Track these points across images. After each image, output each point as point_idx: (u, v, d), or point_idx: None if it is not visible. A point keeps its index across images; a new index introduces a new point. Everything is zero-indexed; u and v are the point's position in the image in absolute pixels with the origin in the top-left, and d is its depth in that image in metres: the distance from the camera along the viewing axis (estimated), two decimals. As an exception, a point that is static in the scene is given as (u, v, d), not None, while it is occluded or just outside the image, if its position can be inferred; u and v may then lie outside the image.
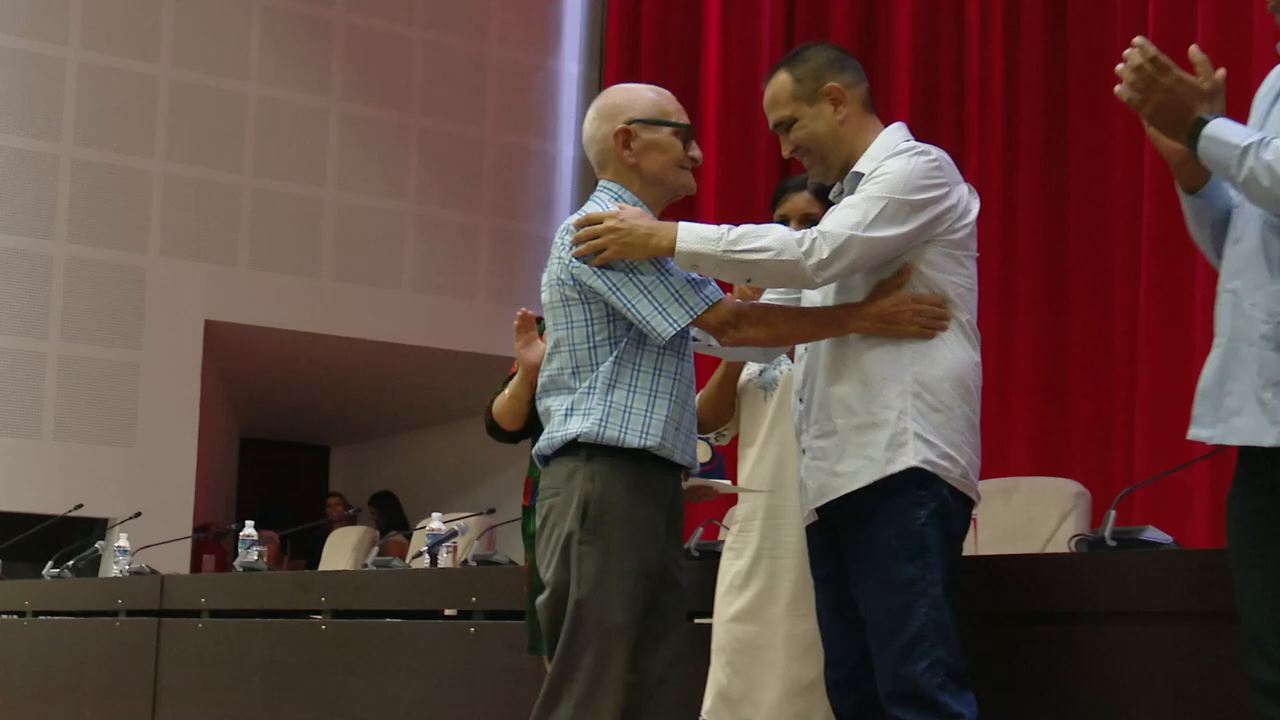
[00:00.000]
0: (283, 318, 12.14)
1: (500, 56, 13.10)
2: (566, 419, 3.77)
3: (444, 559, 6.78)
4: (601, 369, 3.75)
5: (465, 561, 6.66)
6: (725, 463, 4.56)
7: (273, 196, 12.18)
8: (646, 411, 3.73)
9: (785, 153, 4.00)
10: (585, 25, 13.39)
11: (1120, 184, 8.73)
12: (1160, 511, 7.31)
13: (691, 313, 3.71)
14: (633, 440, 3.71)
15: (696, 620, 4.55)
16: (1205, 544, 6.71)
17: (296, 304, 12.16)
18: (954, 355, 3.73)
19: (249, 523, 8.12)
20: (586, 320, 3.80)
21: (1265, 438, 3.16)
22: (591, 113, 3.97)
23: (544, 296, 3.95)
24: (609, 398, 3.73)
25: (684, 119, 3.93)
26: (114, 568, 8.56)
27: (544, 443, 3.85)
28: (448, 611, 6.27)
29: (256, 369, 12.86)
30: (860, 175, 3.83)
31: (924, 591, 3.60)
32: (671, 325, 3.69)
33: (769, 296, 4.03)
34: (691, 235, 3.67)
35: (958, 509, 3.71)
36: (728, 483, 4.07)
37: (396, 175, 12.64)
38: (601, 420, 3.71)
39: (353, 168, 12.48)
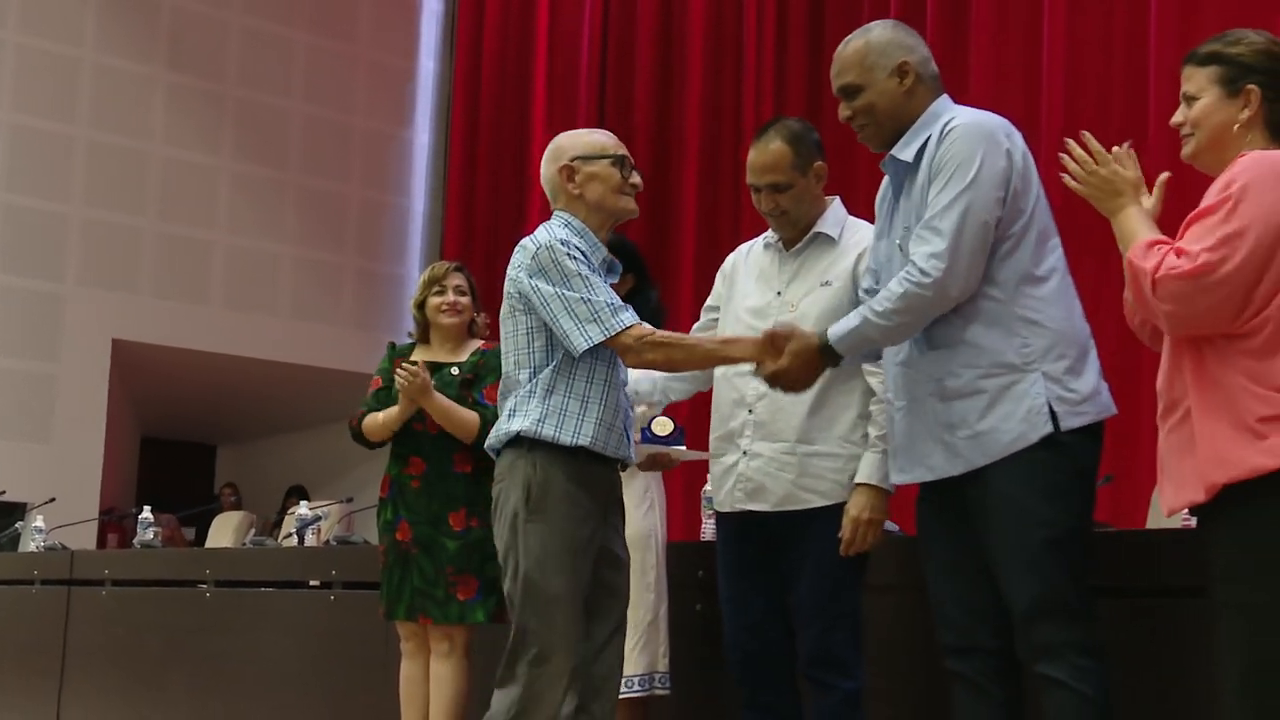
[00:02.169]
0: (179, 338, 11.97)
1: (364, 126, 13.04)
2: (510, 418, 3.68)
3: (310, 539, 6.75)
4: (541, 375, 3.65)
5: (327, 541, 6.64)
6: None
7: (172, 238, 12.02)
8: (579, 414, 3.63)
9: (765, 208, 3.85)
10: (435, 101, 13.37)
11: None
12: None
13: (607, 332, 3.58)
14: (566, 439, 3.61)
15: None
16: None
17: (190, 327, 12.00)
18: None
19: (146, 508, 8.03)
20: (528, 329, 3.69)
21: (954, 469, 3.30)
22: (544, 157, 3.86)
23: (502, 308, 3.79)
24: (547, 401, 3.63)
25: (621, 151, 3.81)
26: (31, 544, 8.40)
27: (492, 438, 3.76)
28: (312, 582, 6.24)
29: (156, 380, 12.66)
30: (823, 235, 3.84)
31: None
32: (587, 341, 3.58)
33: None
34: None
35: None
36: (683, 448, 3.93)
37: (276, 222, 12.53)
38: (539, 420, 3.61)
39: (239, 215, 12.34)
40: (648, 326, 3.64)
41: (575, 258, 3.63)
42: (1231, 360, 2.81)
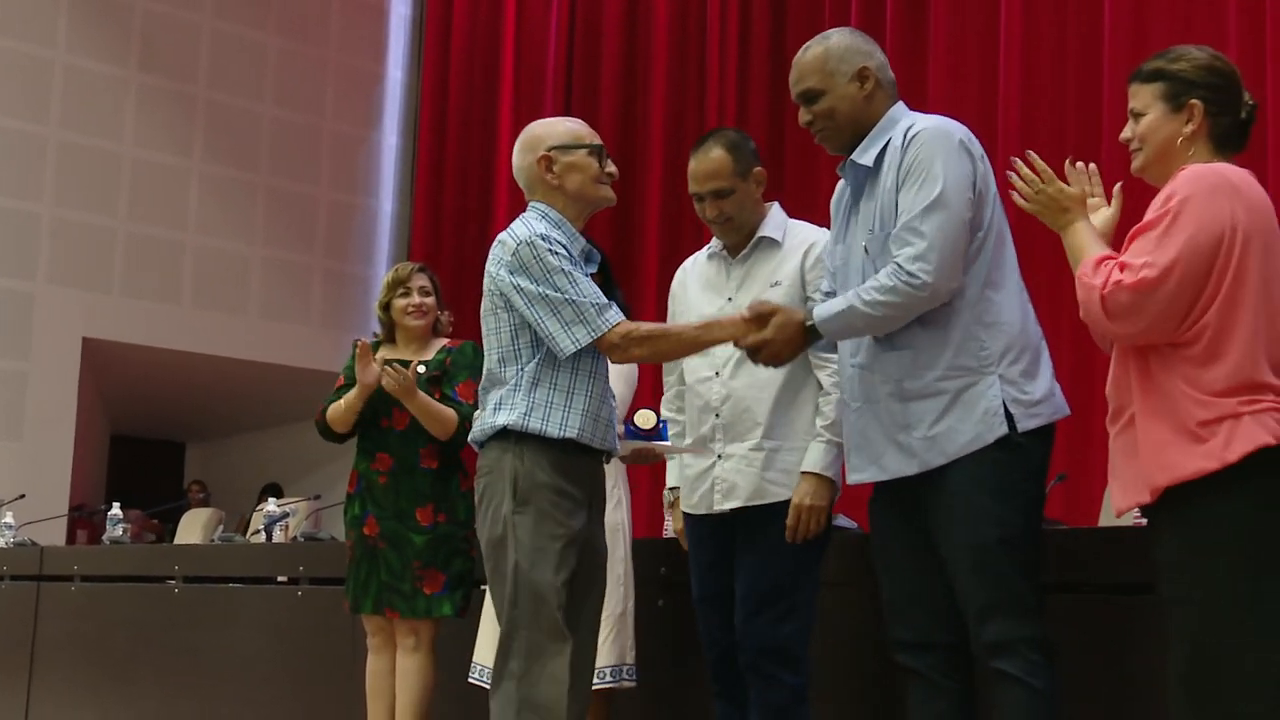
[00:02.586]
0: (149, 337, 11.90)
1: (333, 129, 13.01)
2: (495, 412, 3.59)
3: (278, 535, 6.73)
4: (527, 368, 3.57)
5: (295, 538, 6.62)
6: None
7: (142, 238, 11.95)
8: (565, 407, 3.55)
9: (710, 215, 3.90)
10: (403, 105, 13.35)
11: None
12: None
13: (594, 333, 3.51)
14: (553, 431, 3.53)
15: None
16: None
17: (160, 326, 11.93)
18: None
19: (116, 504, 7.99)
20: (511, 325, 3.60)
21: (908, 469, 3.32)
22: (516, 147, 3.77)
23: (483, 303, 3.70)
24: (532, 395, 3.55)
25: (596, 140, 3.75)
26: (0, 540, 8.33)
27: (477, 430, 3.68)
28: (280, 578, 6.23)
29: (126, 378, 12.61)
30: (767, 239, 3.87)
31: None
32: (575, 344, 3.51)
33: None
34: None
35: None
36: (668, 444, 3.89)
37: (246, 223, 12.47)
38: (525, 414, 3.54)
39: (209, 216, 12.28)
40: (631, 323, 3.58)
41: (557, 253, 3.55)
42: (1173, 367, 2.86)
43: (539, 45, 11.67)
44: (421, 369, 4.90)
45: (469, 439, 3.84)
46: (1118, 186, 3.12)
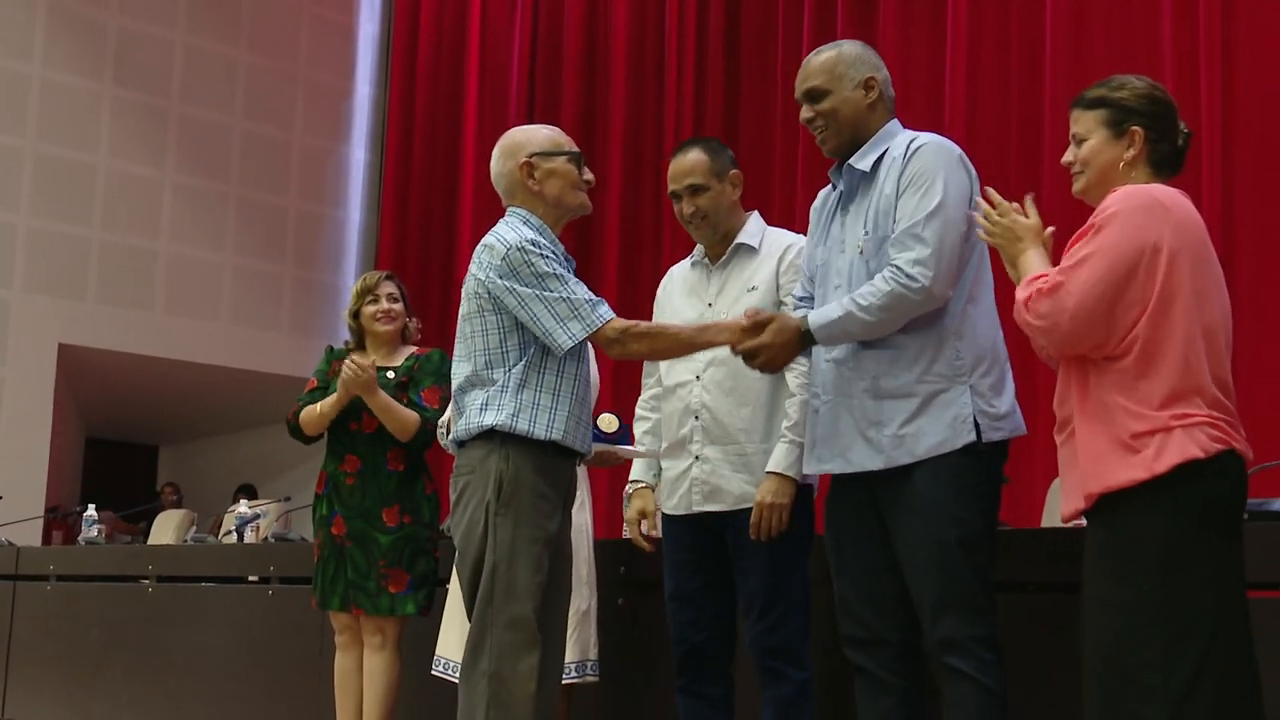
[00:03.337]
0: (123, 343, 11.83)
1: (303, 142, 12.96)
2: (482, 411, 3.52)
3: (249, 536, 6.70)
4: (514, 370, 3.51)
5: (266, 538, 6.59)
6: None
7: (116, 247, 11.87)
8: (551, 409, 3.50)
9: (686, 212, 3.88)
10: (370, 119, 13.31)
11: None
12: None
13: (589, 327, 3.47)
14: (540, 433, 3.48)
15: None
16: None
17: (134, 332, 11.86)
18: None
19: (91, 506, 7.94)
20: (499, 327, 3.54)
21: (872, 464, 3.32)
22: (496, 153, 3.72)
23: (462, 307, 3.65)
24: (519, 396, 3.49)
25: (575, 147, 3.71)
26: (-22, 541, 8.27)
27: (461, 430, 3.59)
28: (251, 578, 6.20)
29: (100, 383, 12.53)
30: (745, 246, 3.88)
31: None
32: (571, 339, 3.47)
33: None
34: None
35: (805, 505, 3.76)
36: (630, 448, 3.84)
37: (217, 233, 12.41)
38: (513, 414, 3.48)
39: (182, 225, 12.22)
40: (628, 320, 3.55)
41: (546, 256, 3.50)
42: (1108, 380, 2.87)
43: (502, 63, 11.68)
44: (390, 374, 4.89)
45: (450, 437, 3.79)
46: (1048, 231, 3.13)
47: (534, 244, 3.52)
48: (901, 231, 3.28)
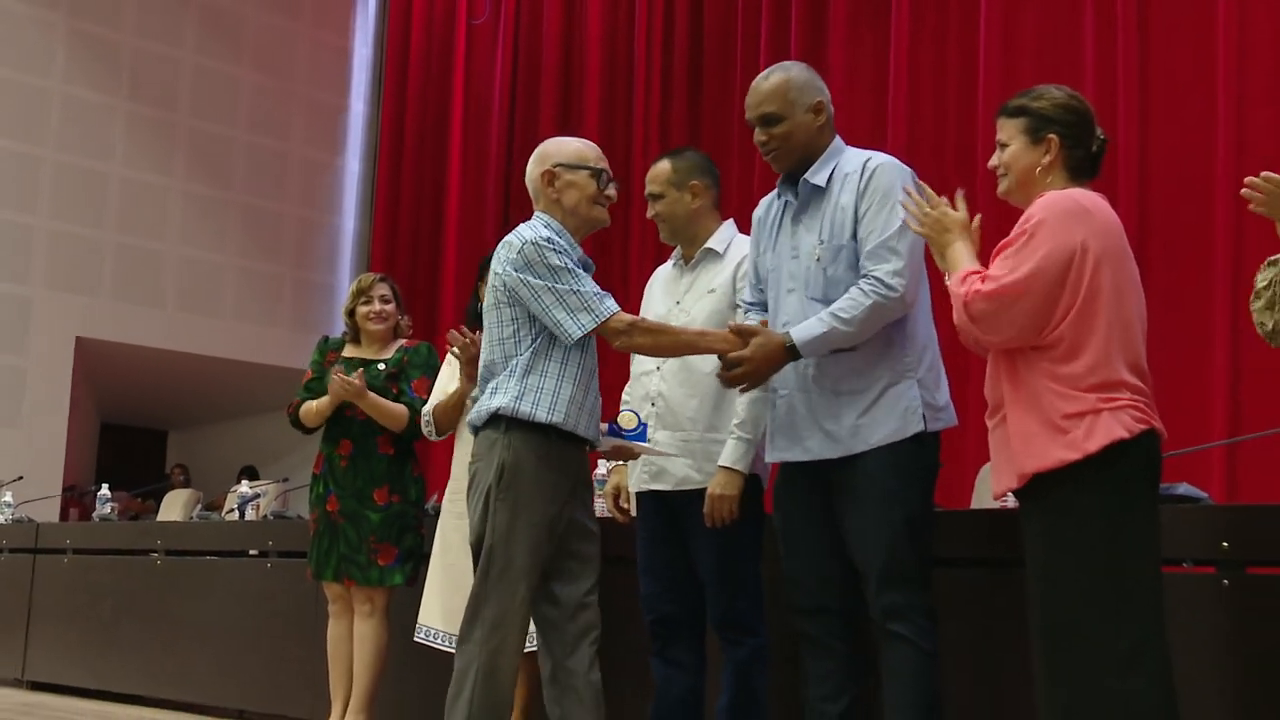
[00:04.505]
0: (135, 336, 11.76)
1: (301, 154, 12.89)
2: (491, 396, 3.45)
3: (250, 514, 6.67)
4: (521, 357, 3.42)
5: (265, 516, 6.56)
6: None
7: (129, 248, 11.80)
8: (554, 393, 3.40)
9: (649, 214, 3.89)
10: (364, 134, 13.26)
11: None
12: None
13: (598, 319, 3.37)
14: (541, 415, 3.38)
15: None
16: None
17: (145, 327, 11.80)
18: None
19: (105, 485, 7.90)
20: (514, 319, 3.44)
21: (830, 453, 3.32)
22: (530, 159, 3.61)
23: (485, 299, 3.58)
24: (525, 381, 3.40)
25: (601, 165, 3.57)
26: (0, 517, 8.19)
27: (474, 415, 3.51)
28: (251, 552, 6.17)
29: (114, 373, 12.45)
30: (711, 251, 3.86)
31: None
32: (580, 329, 3.37)
33: None
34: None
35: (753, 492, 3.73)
36: (646, 444, 3.75)
37: (222, 236, 12.34)
38: (517, 397, 3.39)
39: (190, 229, 12.14)
40: (633, 315, 3.48)
41: (559, 252, 3.41)
42: (1038, 367, 2.87)
43: (485, 83, 11.66)
44: (381, 366, 4.91)
45: (466, 421, 3.72)
46: (977, 219, 3.13)
47: (549, 240, 3.44)
48: (877, 245, 3.27)
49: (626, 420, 3.65)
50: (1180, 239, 6.86)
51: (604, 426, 3.63)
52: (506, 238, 3.52)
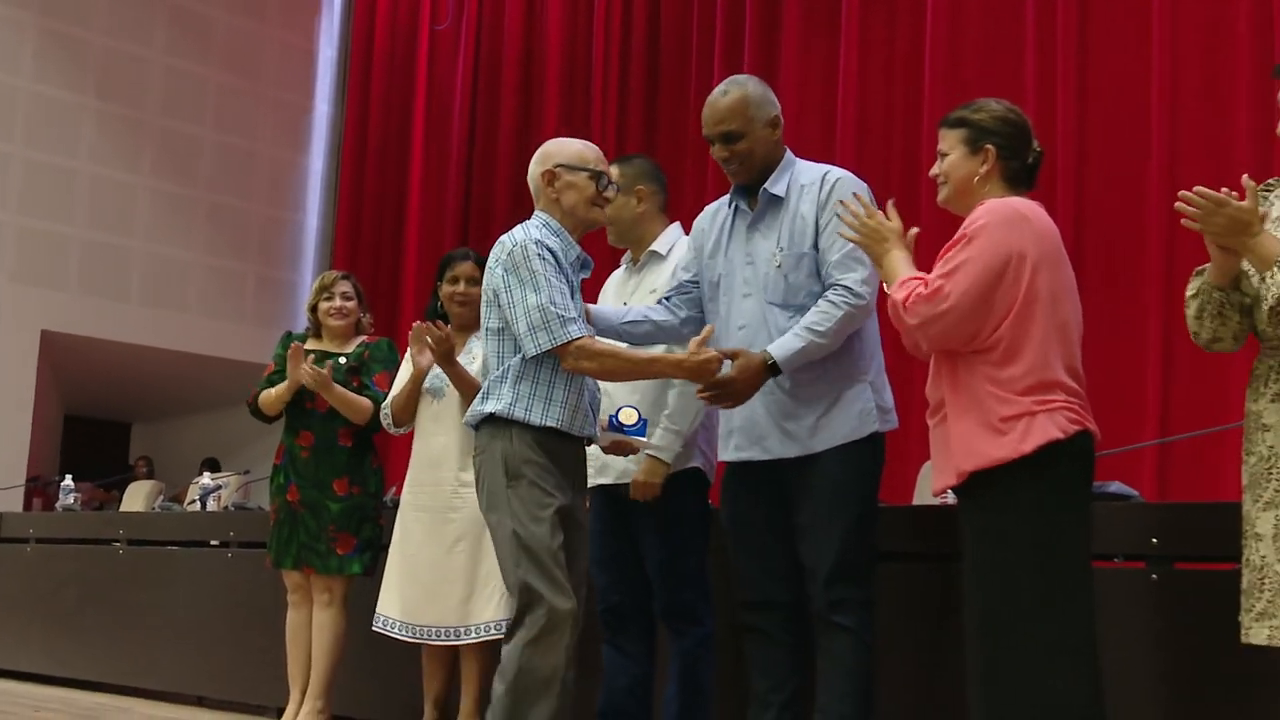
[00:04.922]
0: (101, 330, 11.63)
1: (267, 153, 12.80)
2: (484, 400, 3.40)
3: (211, 505, 6.62)
4: (512, 362, 3.36)
5: (227, 507, 6.52)
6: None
7: (96, 244, 11.67)
8: (546, 399, 3.34)
9: (604, 215, 3.70)
10: (328, 134, 13.18)
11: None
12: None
13: (553, 342, 3.29)
14: (535, 421, 3.33)
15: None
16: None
17: (111, 321, 11.67)
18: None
19: (68, 476, 7.82)
20: (500, 318, 3.40)
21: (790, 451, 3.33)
22: (534, 158, 3.55)
23: (483, 298, 3.52)
24: (517, 387, 3.34)
25: (601, 167, 3.51)
26: (-35, 507, 8.11)
27: (470, 415, 3.47)
28: (212, 542, 6.13)
29: (79, 366, 12.32)
30: (655, 253, 3.89)
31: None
32: (536, 347, 3.30)
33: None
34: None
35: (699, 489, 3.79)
36: (644, 439, 3.72)
37: (188, 233, 12.22)
38: (511, 404, 3.34)
39: (156, 226, 12.02)
40: (590, 339, 3.37)
41: (544, 258, 3.34)
42: (977, 370, 2.88)
43: (446, 88, 11.63)
44: (343, 360, 4.90)
45: (463, 420, 3.68)
46: (913, 231, 3.14)
47: (537, 244, 3.36)
48: (843, 255, 3.29)
49: (627, 415, 3.66)
50: (1115, 245, 6.93)
51: (605, 420, 3.62)
52: (501, 237, 3.47)
